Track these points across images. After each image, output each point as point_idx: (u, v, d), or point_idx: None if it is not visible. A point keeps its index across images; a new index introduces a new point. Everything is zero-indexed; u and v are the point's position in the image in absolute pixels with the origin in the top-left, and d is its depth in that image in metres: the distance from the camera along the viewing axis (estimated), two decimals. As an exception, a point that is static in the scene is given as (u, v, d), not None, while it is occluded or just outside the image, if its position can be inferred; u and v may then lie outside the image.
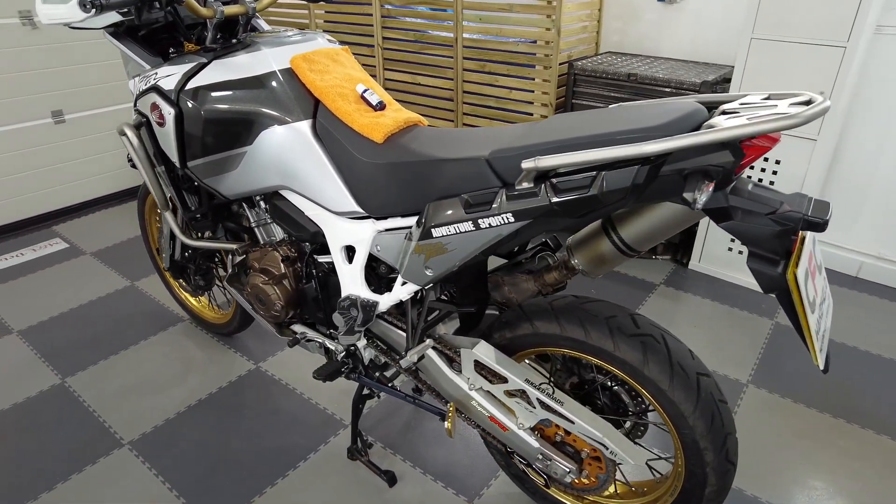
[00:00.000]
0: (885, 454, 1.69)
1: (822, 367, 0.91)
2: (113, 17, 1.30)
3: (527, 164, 0.94)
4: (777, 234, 0.88)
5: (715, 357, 2.09)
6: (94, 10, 1.13)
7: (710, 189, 0.85)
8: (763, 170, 2.34)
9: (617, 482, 1.42)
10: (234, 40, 1.43)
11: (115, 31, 1.46)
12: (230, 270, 1.65)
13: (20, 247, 2.82)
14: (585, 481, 1.26)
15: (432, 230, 1.11)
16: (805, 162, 2.23)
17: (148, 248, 2.20)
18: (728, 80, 2.42)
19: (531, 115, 2.79)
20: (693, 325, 2.26)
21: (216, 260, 1.99)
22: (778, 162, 2.29)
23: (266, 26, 1.64)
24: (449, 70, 2.99)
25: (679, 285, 2.53)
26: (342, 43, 3.31)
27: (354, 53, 3.36)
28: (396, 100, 3.30)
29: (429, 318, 1.39)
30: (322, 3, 1.67)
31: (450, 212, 1.08)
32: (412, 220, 1.22)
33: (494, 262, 2.96)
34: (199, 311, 2.20)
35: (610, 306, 1.17)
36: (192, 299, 2.22)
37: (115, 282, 2.54)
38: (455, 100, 3.02)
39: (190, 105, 1.32)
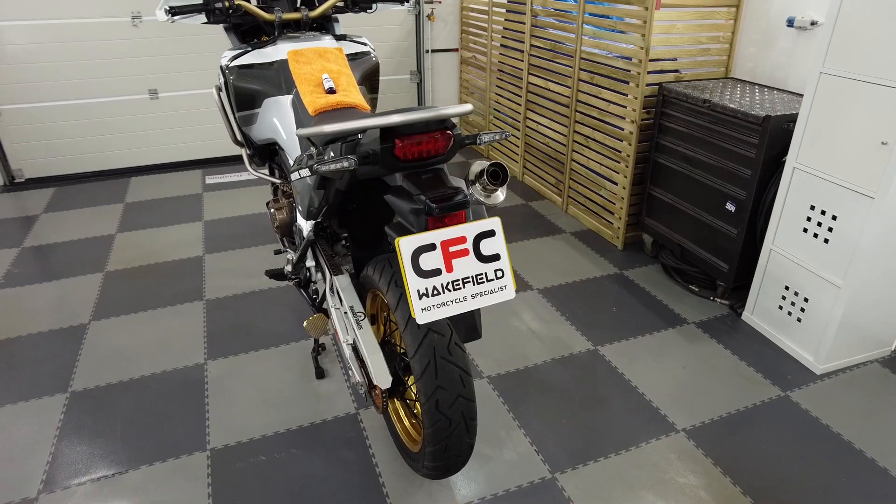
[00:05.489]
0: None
1: (418, 322, 1.12)
2: (202, 18, 2.02)
3: (296, 133, 1.35)
4: (410, 212, 1.13)
5: (673, 399, 2.02)
6: (169, 16, 1.85)
7: (342, 165, 1.15)
8: (819, 223, 2.09)
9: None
10: (266, 38, 2.04)
11: (227, 26, 2.21)
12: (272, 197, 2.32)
13: (237, 171, 4.02)
14: (378, 399, 1.58)
15: (290, 175, 1.58)
16: (861, 221, 1.94)
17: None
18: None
19: (622, 129, 2.86)
20: (683, 367, 2.18)
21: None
22: (834, 217, 2.03)
23: (339, 29, 2.22)
24: (568, 79, 3.20)
25: (712, 330, 2.39)
26: (509, 48, 3.73)
27: (511, 58, 3.76)
28: (534, 103, 3.61)
29: (331, 252, 1.84)
30: (361, 12, 2.17)
31: (292, 164, 1.54)
32: None
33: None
34: (297, 235, 2.97)
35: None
36: (294, 225, 3.00)
37: (273, 205, 3.50)
38: (570, 107, 3.22)
39: (230, 76, 1.99)
